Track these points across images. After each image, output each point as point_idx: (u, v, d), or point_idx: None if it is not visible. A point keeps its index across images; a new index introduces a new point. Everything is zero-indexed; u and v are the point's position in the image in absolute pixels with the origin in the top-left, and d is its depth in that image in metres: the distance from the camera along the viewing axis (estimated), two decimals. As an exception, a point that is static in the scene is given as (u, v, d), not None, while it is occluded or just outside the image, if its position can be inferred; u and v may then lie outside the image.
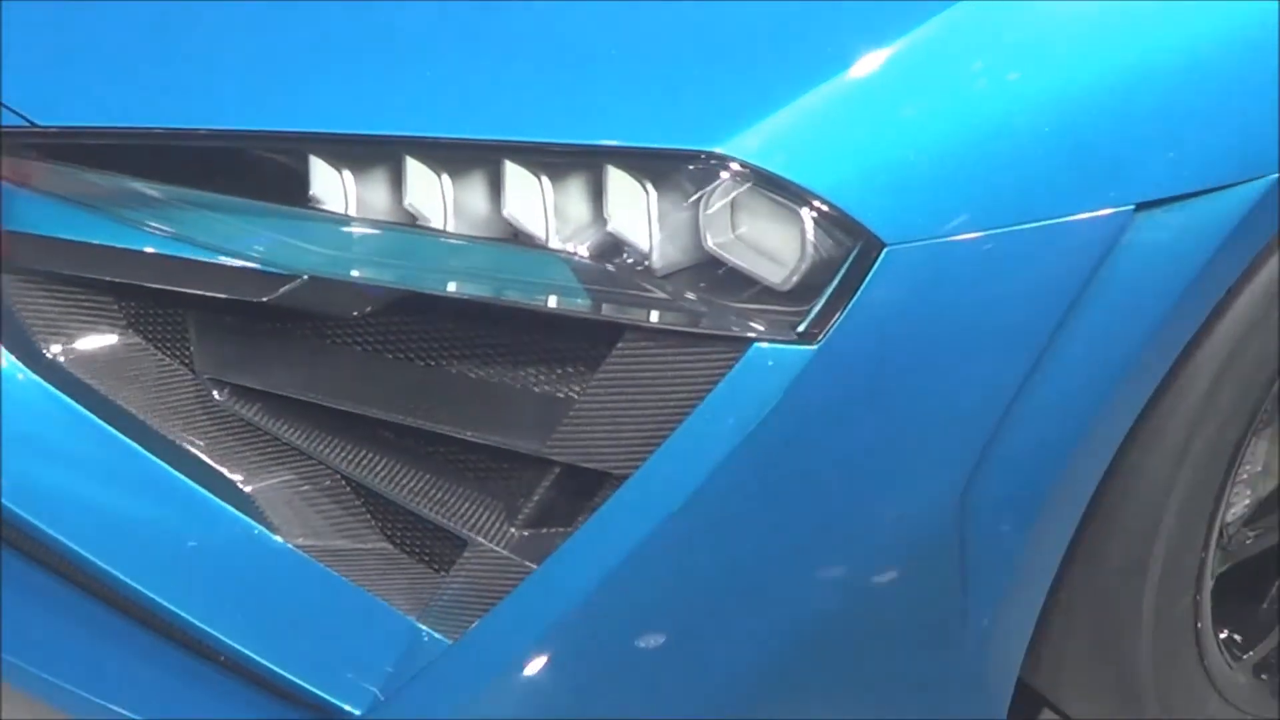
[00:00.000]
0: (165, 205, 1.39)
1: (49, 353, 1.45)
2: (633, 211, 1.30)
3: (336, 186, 1.37)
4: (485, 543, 1.38)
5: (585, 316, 1.31)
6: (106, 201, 1.41)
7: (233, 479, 1.45)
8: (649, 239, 1.30)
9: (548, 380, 1.37)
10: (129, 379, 1.47)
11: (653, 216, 1.30)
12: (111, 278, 1.43)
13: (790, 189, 1.27)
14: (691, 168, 1.29)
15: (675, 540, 1.32)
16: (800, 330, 1.28)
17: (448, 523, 1.40)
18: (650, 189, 1.30)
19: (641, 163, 1.30)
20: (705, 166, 1.28)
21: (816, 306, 1.27)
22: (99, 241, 1.41)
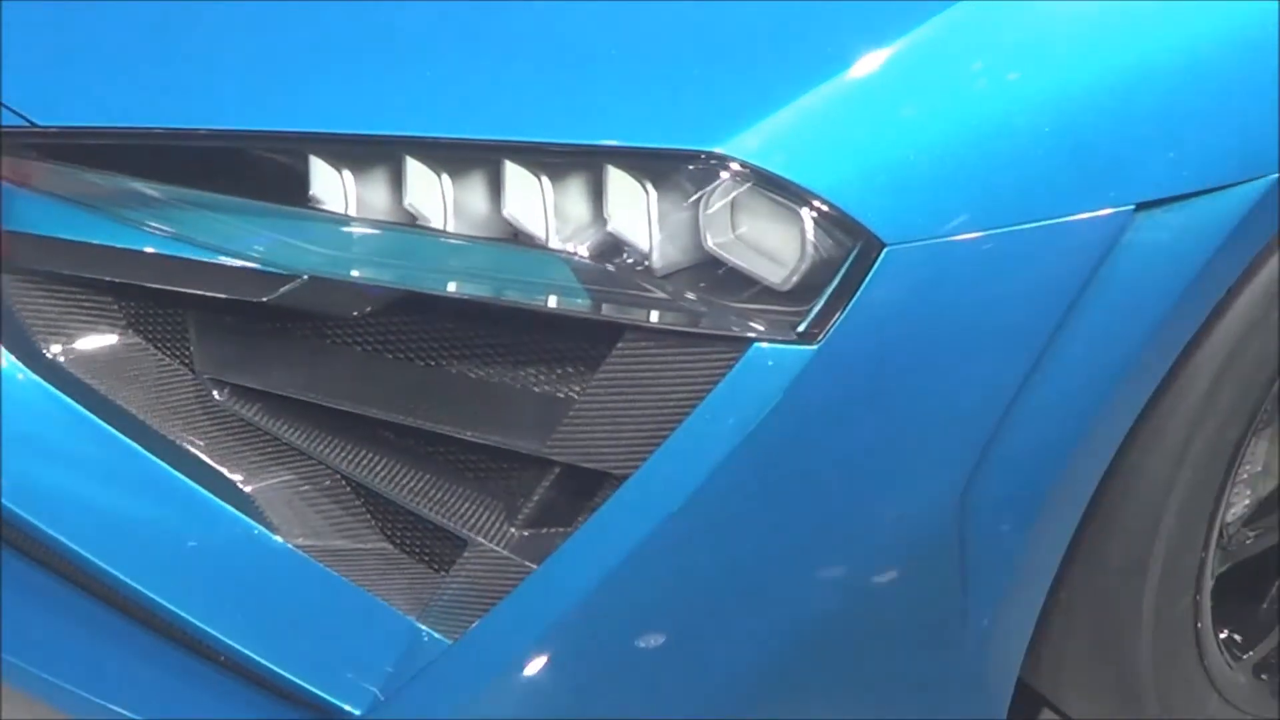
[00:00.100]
0: (165, 205, 1.39)
1: (49, 352, 1.45)
2: (633, 211, 1.30)
3: (336, 186, 1.37)
4: (485, 543, 1.38)
5: (585, 316, 1.31)
6: (106, 201, 1.41)
7: (233, 479, 1.45)
8: (649, 239, 1.30)
9: (548, 380, 1.37)
10: (129, 379, 1.47)
11: (653, 216, 1.30)
12: (111, 278, 1.43)
13: (790, 189, 1.27)
14: (691, 168, 1.28)
15: (675, 540, 1.32)
16: (800, 330, 1.27)
17: (448, 523, 1.40)
18: (650, 189, 1.30)
19: (641, 163, 1.30)
20: (705, 166, 1.28)
21: (816, 306, 1.27)
22: (99, 241, 1.41)
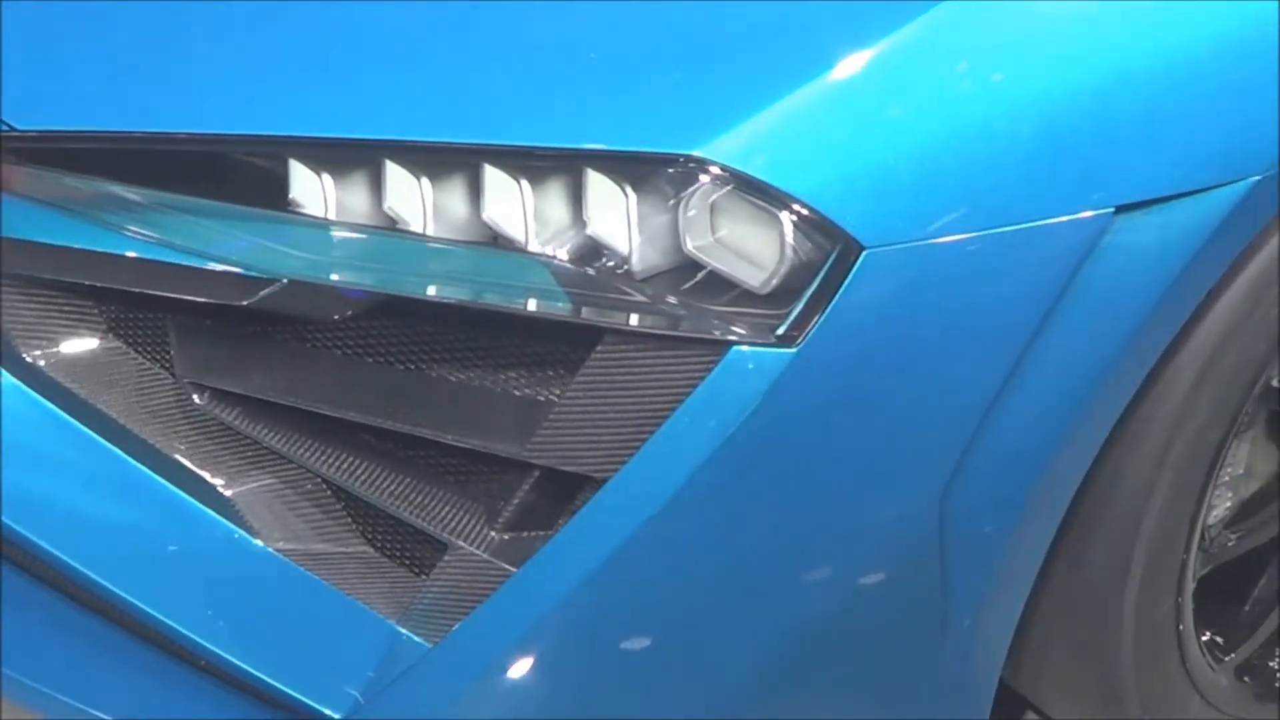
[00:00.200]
0: (145, 209, 1.39)
1: (29, 357, 1.45)
2: (612, 215, 1.30)
3: (316, 190, 1.37)
4: (465, 546, 1.38)
5: (565, 320, 1.31)
6: (86, 206, 1.41)
7: (213, 483, 1.45)
8: (629, 242, 1.30)
9: (528, 383, 1.37)
10: (109, 383, 1.46)
11: (632, 220, 1.30)
12: (92, 282, 1.42)
13: (770, 192, 1.27)
14: (671, 171, 1.28)
15: (655, 543, 1.32)
16: (779, 333, 1.27)
17: (428, 526, 1.40)
18: (630, 192, 1.30)
19: (621, 166, 1.30)
20: (685, 170, 1.28)
21: (796, 309, 1.27)
22: (79, 246, 1.40)
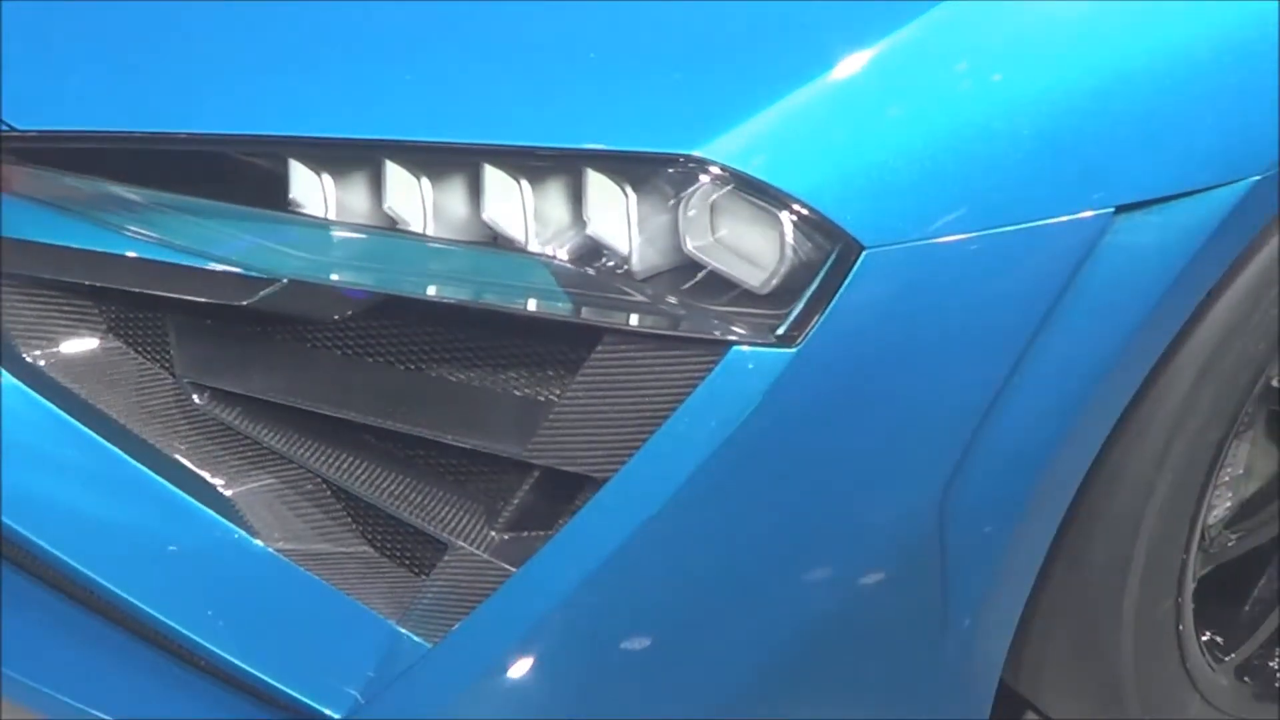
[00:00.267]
0: (145, 209, 1.39)
1: (29, 357, 1.45)
2: (612, 215, 1.30)
3: (316, 190, 1.37)
4: (465, 546, 1.38)
5: (565, 320, 1.31)
6: (86, 206, 1.40)
7: (213, 483, 1.45)
8: (628, 242, 1.30)
9: (528, 384, 1.37)
10: (109, 383, 1.46)
11: (632, 220, 1.30)
12: (91, 282, 1.42)
13: (770, 192, 1.27)
14: (671, 171, 1.28)
15: (655, 543, 1.32)
16: (779, 333, 1.27)
17: (428, 526, 1.40)
18: (630, 192, 1.30)
19: (621, 166, 1.30)
20: (684, 170, 1.28)
21: (796, 309, 1.27)
22: (79, 246, 1.40)
